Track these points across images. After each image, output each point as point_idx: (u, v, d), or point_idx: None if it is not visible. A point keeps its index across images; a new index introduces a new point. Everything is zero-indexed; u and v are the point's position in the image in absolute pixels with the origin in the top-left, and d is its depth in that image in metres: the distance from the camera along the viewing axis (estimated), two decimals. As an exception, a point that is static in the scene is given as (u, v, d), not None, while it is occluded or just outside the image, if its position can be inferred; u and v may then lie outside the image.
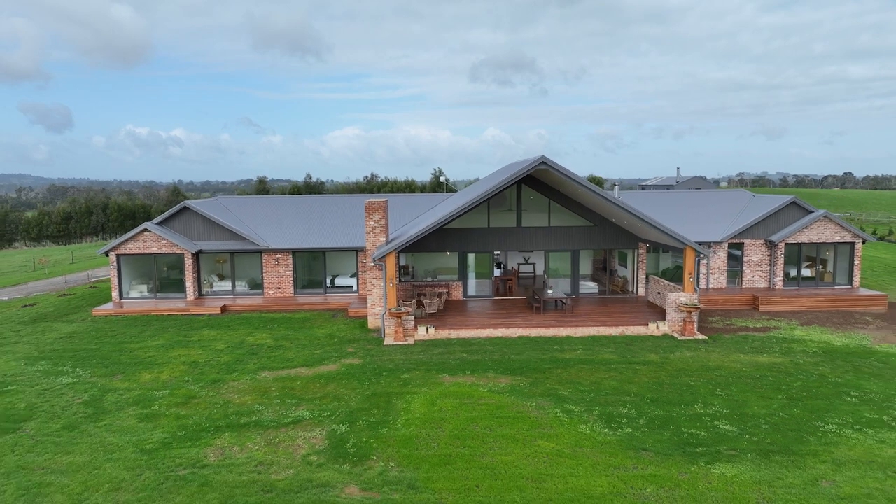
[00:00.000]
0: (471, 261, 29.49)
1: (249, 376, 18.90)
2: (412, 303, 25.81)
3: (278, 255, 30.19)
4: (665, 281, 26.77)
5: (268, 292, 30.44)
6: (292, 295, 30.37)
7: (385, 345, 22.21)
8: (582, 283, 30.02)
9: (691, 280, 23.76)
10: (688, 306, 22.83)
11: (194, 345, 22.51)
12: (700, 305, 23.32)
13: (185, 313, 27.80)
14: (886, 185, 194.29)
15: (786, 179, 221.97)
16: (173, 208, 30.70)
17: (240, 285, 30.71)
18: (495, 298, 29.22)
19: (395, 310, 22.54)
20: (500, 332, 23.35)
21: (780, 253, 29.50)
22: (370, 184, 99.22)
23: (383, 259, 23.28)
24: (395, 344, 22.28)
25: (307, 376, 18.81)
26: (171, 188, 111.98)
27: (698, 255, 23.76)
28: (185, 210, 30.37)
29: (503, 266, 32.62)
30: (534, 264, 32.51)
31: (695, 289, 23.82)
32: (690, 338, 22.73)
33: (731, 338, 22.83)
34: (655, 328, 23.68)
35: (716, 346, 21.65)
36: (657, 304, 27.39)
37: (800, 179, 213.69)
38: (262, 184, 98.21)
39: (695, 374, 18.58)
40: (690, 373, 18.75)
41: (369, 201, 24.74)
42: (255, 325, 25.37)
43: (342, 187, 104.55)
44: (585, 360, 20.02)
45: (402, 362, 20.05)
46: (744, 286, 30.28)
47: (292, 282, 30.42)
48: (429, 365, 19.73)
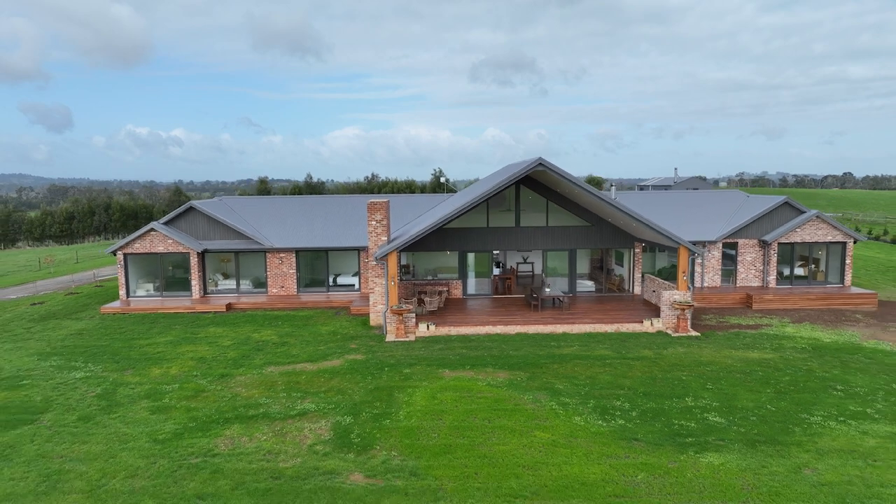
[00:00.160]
0: (470, 260, 30.12)
1: (256, 371, 19.53)
2: (413, 301, 26.42)
3: (282, 255, 30.81)
4: (660, 279, 27.38)
5: (271, 291, 31.05)
6: (295, 293, 30.98)
7: (387, 341, 22.82)
8: (579, 281, 30.64)
9: (685, 278, 24.37)
10: (681, 304, 23.45)
11: (201, 341, 23.13)
12: (693, 303, 23.93)
13: (191, 311, 28.43)
14: (886, 186, 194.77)
15: (786, 179, 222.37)
16: (179, 208, 31.32)
17: (244, 284, 31.32)
18: (494, 296, 29.84)
19: (396, 307, 23.15)
20: (498, 329, 23.97)
21: (773, 252, 30.11)
22: (371, 184, 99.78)
23: (385, 258, 23.89)
24: (397, 340, 22.90)
25: (312, 371, 19.43)
26: (172, 188, 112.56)
27: (692, 254, 24.38)
28: (191, 210, 30.99)
29: (502, 265, 33.22)
30: (532, 263, 33.09)
31: (688, 287, 24.42)
32: (684, 334, 23.35)
33: (724, 334, 23.43)
34: (650, 325, 24.29)
35: (708, 343, 22.26)
36: (652, 301, 28.00)
37: (799, 179, 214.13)
38: (263, 184, 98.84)
39: (687, 369, 19.20)
40: (682, 368, 19.36)
41: (371, 202, 25.34)
42: (260, 323, 25.99)
43: (343, 187, 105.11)
44: (581, 356, 20.63)
45: (403, 358, 20.67)
46: (738, 285, 30.89)
47: (295, 280, 31.04)
48: (429, 360, 20.34)
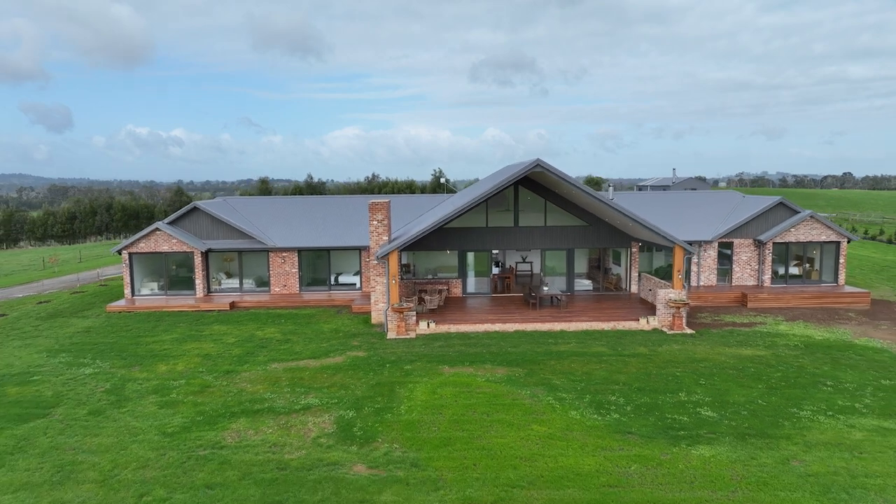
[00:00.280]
0: (470, 259, 30.60)
1: (260, 367, 20.00)
2: (414, 299, 26.89)
3: (284, 254, 31.28)
4: (656, 278, 27.84)
5: (274, 289, 31.53)
6: (298, 292, 31.46)
7: (388, 339, 23.29)
8: (577, 280, 31.12)
9: (680, 277, 24.84)
10: (676, 302, 23.92)
11: (206, 339, 23.61)
12: (688, 301, 24.41)
13: (196, 309, 28.90)
14: (885, 185, 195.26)
15: (785, 180, 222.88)
16: (183, 209, 31.80)
17: (247, 283, 31.80)
18: (493, 295, 30.32)
19: (397, 305, 23.63)
20: (497, 327, 24.44)
21: (768, 252, 30.58)
22: (371, 184, 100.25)
23: (386, 257, 24.36)
24: (398, 338, 23.37)
25: (315, 367, 19.90)
26: (174, 188, 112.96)
27: (687, 254, 24.85)
28: (195, 210, 31.47)
29: (501, 264, 33.68)
30: (531, 262, 33.56)
31: (683, 285, 24.90)
32: (679, 332, 23.82)
33: (718, 332, 23.90)
34: (646, 323, 24.76)
35: (702, 340, 22.73)
36: (648, 300, 28.47)
37: (799, 180, 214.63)
38: (264, 184, 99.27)
39: (681, 366, 19.67)
40: (677, 364, 19.83)
41: (373, 202, 25.81)
42: (264, 321, 26.47)
43: (343, 187, 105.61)
44: (578, 353, 21.11)
45: (404, 354, 21.15)
46: (733, 284, 31.36)
47: (298, 279, 31.51)
48: (430, 357, 20.82)
